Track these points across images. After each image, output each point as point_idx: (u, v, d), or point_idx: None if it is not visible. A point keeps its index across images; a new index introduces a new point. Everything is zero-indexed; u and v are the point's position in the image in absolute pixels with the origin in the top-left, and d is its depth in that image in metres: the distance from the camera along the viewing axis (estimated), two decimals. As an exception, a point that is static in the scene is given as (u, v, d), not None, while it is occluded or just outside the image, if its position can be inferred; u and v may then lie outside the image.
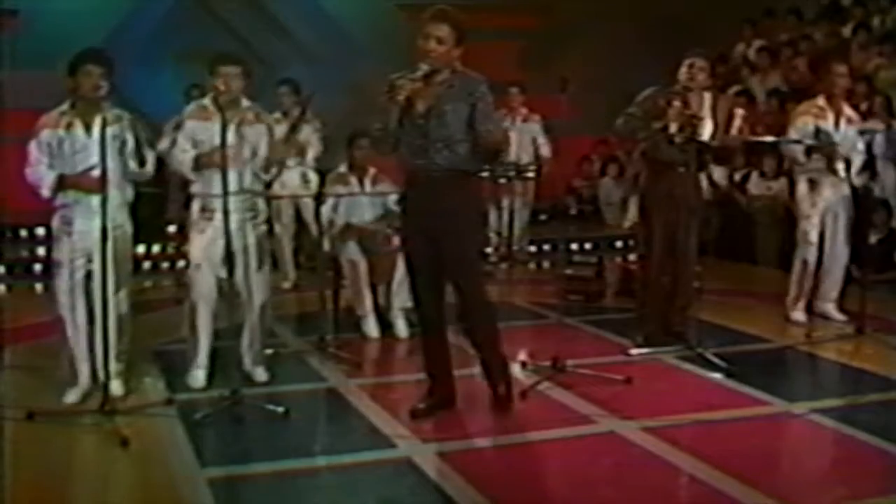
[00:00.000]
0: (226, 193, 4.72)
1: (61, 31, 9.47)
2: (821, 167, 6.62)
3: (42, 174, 4.90)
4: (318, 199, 6.35)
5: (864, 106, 8.66)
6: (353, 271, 6.36)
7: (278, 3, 11.24)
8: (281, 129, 5.65)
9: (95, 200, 4.83)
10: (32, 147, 4.93)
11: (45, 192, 4.92)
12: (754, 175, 9.52)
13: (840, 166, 6.58)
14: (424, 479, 4.00)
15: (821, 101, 6.70)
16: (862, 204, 6.85)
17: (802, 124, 6.67)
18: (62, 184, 4.89)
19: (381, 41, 11.18)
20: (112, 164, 4.69)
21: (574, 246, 9.58)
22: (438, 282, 4.70)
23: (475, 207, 4.86)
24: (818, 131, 6.57)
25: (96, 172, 4.79)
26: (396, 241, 6.42)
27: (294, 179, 7.71)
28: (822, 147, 6.54)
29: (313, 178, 7.80)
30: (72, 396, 4.95)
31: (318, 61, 11.25)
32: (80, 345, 5.01)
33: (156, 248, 9.09)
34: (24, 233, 8.94)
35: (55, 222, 5.02)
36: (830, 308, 6.86)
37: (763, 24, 11.77)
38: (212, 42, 9.46)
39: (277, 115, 7.25)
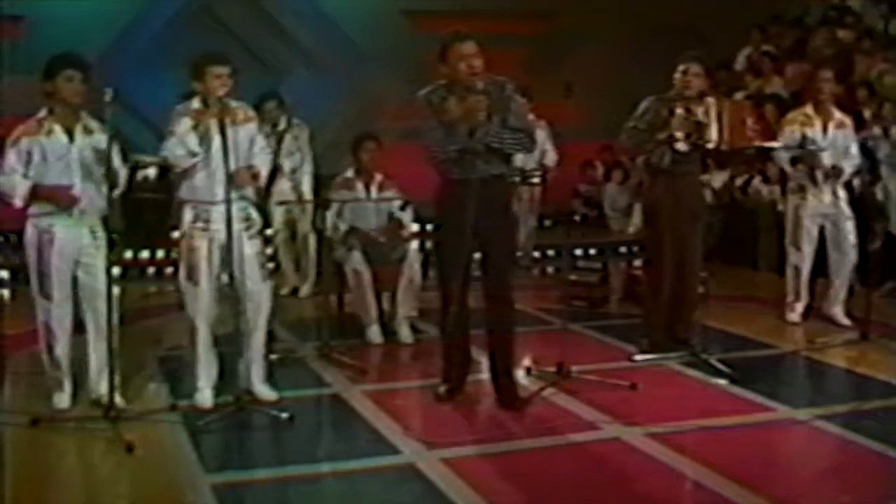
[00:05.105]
0: (228, 200, 4.66)
1: (66, 38, 9.46)
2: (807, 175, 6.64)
3: (15, 183, 4.77)
4: (324, 204, 6.32)
5: (867, 112, 8.66)
6: (357, 281, 6.33)
7: (283, 9, 11.24)
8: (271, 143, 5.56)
9: (75, 210, 4.81)
10: (10, 155, 4.79)
11: (18, 201, 4.80)
12: (756, 180, 9.51)
13: (820, 176, 6.59)
14: (429, 485, 3.99)
15: (808, 108, 6.73)
16: (861, 210, 6.83)
17: (789, 132, 6.69)
18: (36, 195, 4.78)
19: (385, 47, 11.21)
20: (95, 175, 4.69)
21: (579, 252, 9.57)
22: (467, 279, 4.95)
23: (512, 211, 5.17)
24: (804, 139, 6.58)
25: (76, 191, 4.76)
26: (406, 248, 6.43)
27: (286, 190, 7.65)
28: (804, 157, 6.55)
29: (307, 189, 7.82)
30: (63, 402, 4.93)
31: (322, 67, 11.28)
32: (66, 352, 4.97)
33: (160, 254, 9.09)
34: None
35: (29, 230, 4.86)
36: (838, 311, 6.82)
37: (772, 29, 11.74)
38: (216, 49, 9.42)
39: (266, 129, 7.07)
